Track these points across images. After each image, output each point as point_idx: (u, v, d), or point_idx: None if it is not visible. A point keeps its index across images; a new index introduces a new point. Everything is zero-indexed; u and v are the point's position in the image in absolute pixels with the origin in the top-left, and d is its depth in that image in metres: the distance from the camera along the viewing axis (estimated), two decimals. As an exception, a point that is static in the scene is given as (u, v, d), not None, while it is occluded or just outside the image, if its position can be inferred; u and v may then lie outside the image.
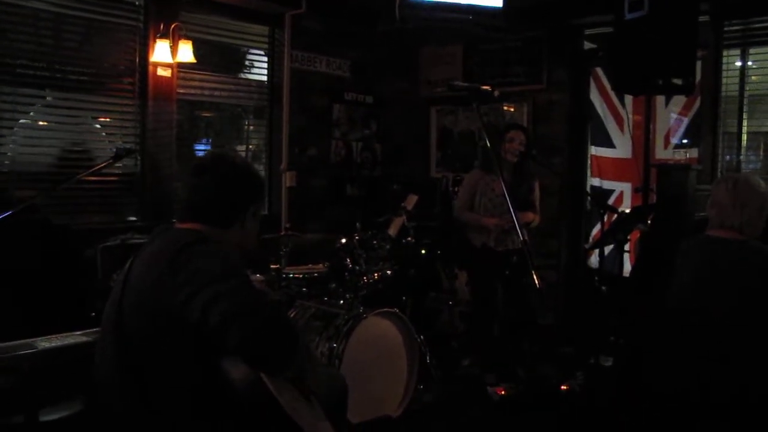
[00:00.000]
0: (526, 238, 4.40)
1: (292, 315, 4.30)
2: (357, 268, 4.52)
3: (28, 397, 2.39)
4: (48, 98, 5.03)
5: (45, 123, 5.04)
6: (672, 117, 5.95)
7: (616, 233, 4.99)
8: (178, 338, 2.02)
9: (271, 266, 4.50)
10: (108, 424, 2.15)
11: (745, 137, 5.86)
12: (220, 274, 1.99)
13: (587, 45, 6.43)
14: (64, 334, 2.72)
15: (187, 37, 5.37)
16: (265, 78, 6.38)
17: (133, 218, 5.31)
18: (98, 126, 5.31)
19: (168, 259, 2.04)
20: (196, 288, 1.96)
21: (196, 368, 2.04)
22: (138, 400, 2.06)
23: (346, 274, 4.54)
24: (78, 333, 2.73)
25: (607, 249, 5.40)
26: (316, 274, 4.67)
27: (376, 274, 4.58)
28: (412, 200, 5.10)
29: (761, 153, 6.28)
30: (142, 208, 5.35)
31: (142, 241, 2.28)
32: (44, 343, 2.58)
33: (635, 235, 5.38)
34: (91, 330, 2.71)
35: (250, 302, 1.97)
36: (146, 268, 2.11)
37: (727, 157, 5.91)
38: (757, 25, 5.69)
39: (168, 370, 2.04)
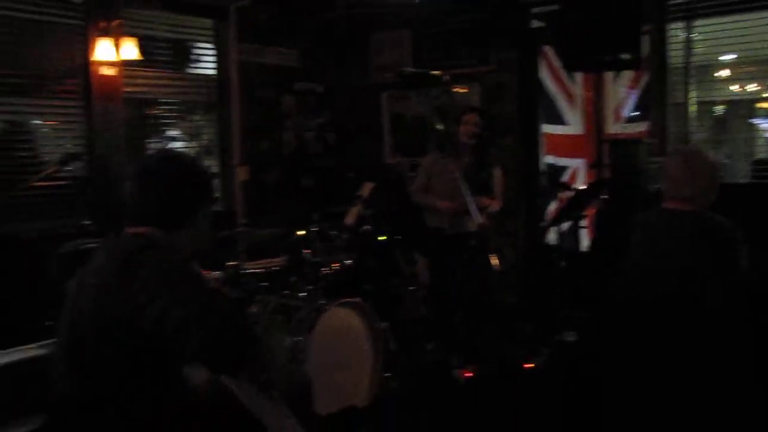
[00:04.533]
0: (483, 221, 4.43)
1: (253, 311, 4.26)
2: (316, 260, 4.48)
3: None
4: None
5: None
6: (621, 91, 6.00)
7: (572, 210, 5.04)
8: (134, 347, 1.97)
9: (229, 263, 4.44)
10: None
11: (692, 108, 5.95)
12: (172, 281, 1.94)
13: (535, 23, 6.45)
14: (19, 348, 2.65)
15: (131, 34, 5.25)
16: (213, 72, 6.29)
17: (86, 222, 5.20)
18: (44, 130, 5.18)
19: (118, 267, 1.99)
20: (149, 296, 1.92)
21: (156, 377, 2.01)
22: (95, 410, 2.02)
23: (306, 266, 4.51)
24: (33, 346, 2.66)
25: (565, 226, 5.45)
26: (275, 269, 4.63)
27: (335, 265, 4.55)
28: (367, 188, 5.07)
29: (708, 122, 6.39)
30: (94, 212, 5.23)
31: (95, 245, 2.22)
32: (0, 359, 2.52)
33: (591, 211, 5.43)
34: (46, 342, 2.65)
35: (204, 307, 1.93)
36: (97, 276, 2.06)
37: (676, 129, 5.99)
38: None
39: (126, 380, 2.00)
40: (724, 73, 6.13)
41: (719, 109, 6.56)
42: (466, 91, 6.67)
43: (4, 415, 2.39)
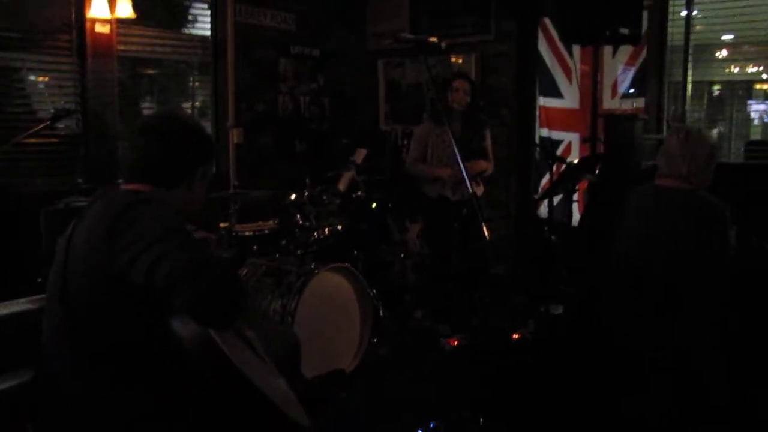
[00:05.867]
0: (476, 190, 4.45)
1: (243, 273, 4.27)
2: (307, 224, 4.49)
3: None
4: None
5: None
6: (619, 67, 5.99)
7: (564, 183, 5.05)
8: (124, 301, 1.99)
9: (221, 225, 4.44)
10: (57, 391, 2.12)
11: (689, 87, 5.94)
12: (161, 235, 1.95)
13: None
14: (9, 302, 2.65)
15: (126, -8, 5.19)
16: (208, 33, 6.23)
17: (78, 180, 5.18)
18: (36, 86, 5.13)
19: (109, 221, 2.00)
20: (138, 250, 1.92)
21: (145, 330, 2.02)
22: (87, 365, 2.03)
23: (297, 230, 4.52)
24: (23, 300, 2.66)
25: (556, 199, 5.46)
26: (266, 232, 4.63)
27: (326, 230, 4.56)
28: (361, 154, 5.06)
29: (705, 102, 6.38)
30: (87, 170, 5.22)
31: (84, 203, 2.22)
32: (-12, 311, 2.52)
33: (583, 185, 5.44)
34: (36, 297, 2.65)
35: (193, 260, 1.94)
36: (88, 231, 2.06)
37: (672, 107, 5.99)
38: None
39: (116, 333, 2.02)
40: (723, 53, 6.11)
41: (716, 89, 6.55)
42: (461, 61, 6.65)
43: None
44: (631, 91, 6.01)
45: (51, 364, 2.13)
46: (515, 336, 4.90)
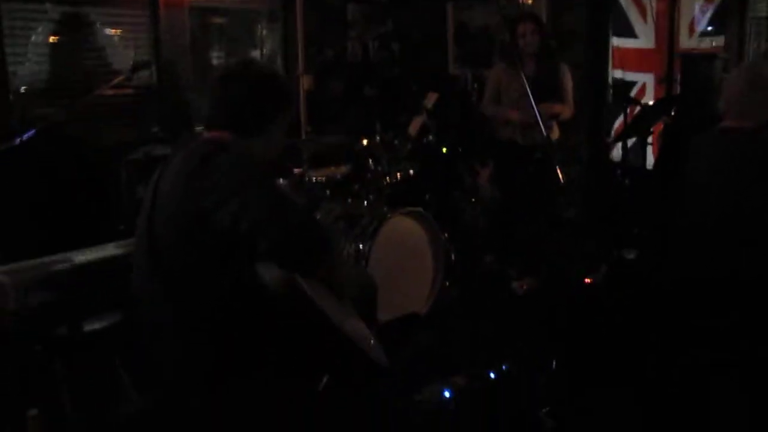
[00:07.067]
0: (549, 133, 4.38)
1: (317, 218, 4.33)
2: (379, 168, 4.52)
3: (69, 310, 2.44)
4: (55, 13, 4.93)
5: (56, 39, 4.96)
6: (697, 3, 5.76)
7: (639, 126, 4.94)
8: (209, 245, 2.06)
9: (294, 170, 4.51)
10: (146, 332, 2.22)
11: (774, 21, 5.68)
12: (246, 182, 2.01)
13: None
14: (98, 247, 2.75)
15: (196, -59, 5.24)
16: (277, -20, 6.25)
17: (154, 129, 5.30)
18: (111, 39, 5.23)
19: (194, 169, 2.06)
20: (224, 196, 1.98)
21: (229, 273, 2.09)
22: (173, 307, 2.12)
23: (369, 175, 4.55)
24: (111, 245, 2.76)
25: (630, 142, 5.35)
26: (338, 177, 4.68)
27: (398, 174, 4.58)
28: (432, 98, 5.03)
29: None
30: (162, 119, 5.33)
31: (164, 152, 2.29)
32: (80, 256, 2.61)
33: (658, 128, 5.31)
34: (123, 242, 2.74)
35: (278, 207, 1.99)
36: (172, 179, 2.13)
37: (755, 44, 5.74)
38: None
39: (201, 276, 2.09)
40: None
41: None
42: (531, 1, 6.49)
43: (89, 308, 2.51)
44: (710, 28, 5.78)
45: (140, 307, 2.23)
46: (587, 280, 4.87)
